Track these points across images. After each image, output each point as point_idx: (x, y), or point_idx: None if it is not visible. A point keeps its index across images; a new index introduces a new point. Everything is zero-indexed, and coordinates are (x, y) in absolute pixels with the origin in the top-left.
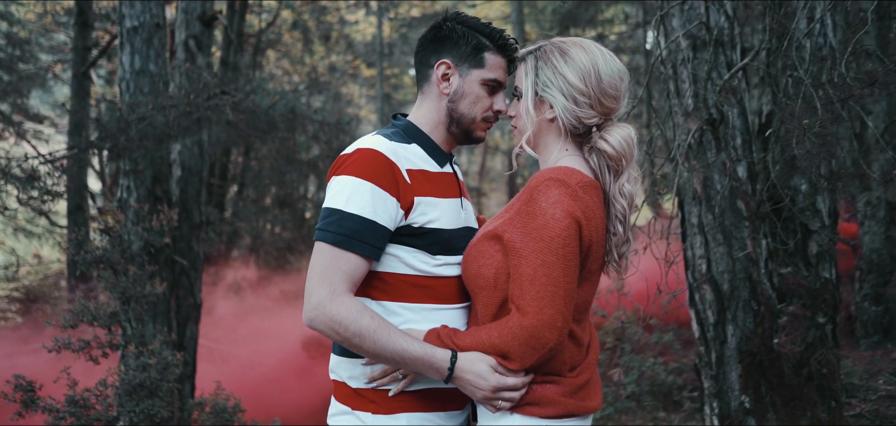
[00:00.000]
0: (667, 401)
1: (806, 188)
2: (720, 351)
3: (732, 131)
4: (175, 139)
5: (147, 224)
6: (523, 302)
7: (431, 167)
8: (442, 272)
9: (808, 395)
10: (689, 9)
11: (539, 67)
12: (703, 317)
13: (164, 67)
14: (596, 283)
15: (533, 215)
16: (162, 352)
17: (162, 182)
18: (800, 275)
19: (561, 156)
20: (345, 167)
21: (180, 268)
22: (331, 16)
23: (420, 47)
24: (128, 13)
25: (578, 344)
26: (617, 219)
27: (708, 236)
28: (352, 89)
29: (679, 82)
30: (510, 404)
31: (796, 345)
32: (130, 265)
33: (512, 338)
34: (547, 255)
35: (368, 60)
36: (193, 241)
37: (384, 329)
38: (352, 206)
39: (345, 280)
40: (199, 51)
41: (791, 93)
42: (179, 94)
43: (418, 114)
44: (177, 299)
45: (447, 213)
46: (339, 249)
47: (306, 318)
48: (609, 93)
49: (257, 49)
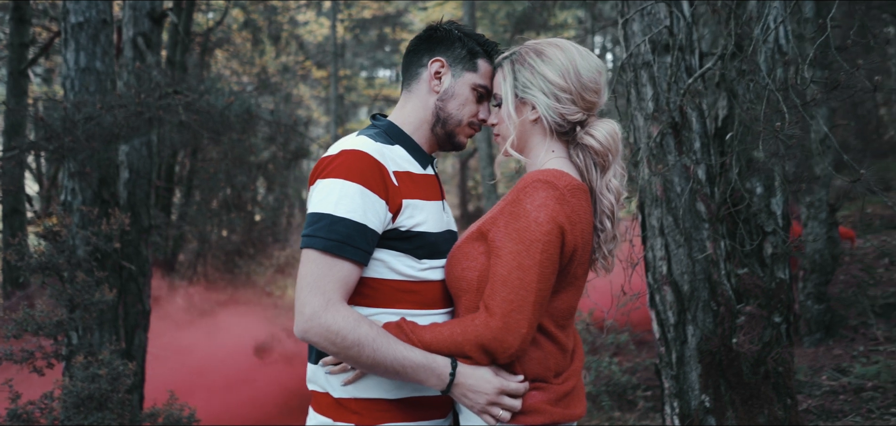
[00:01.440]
0: (622, 401)
1: (761, 190)
2: (680, 351)
3: (692, 135)
4: (124, 140)
5: (95, 228)
6: (493, 303)
7: (415, 169)
8: (427, 276)
9: (766, 394)
10: (649, 14)
11: (516, 70)
12: (664, 318)
13: (111, 65)
14: (581, 289)
15: (516, 216)
16: (112, 361)
17: (109, 184)
18: (756, 276)
19: (548, 157)
20: (331, 169)
21: (128, 273)
22: (281, 16)
23: (413, 46)
24: (72, 8)
25: (563, 350)
26: (604, 215)
27: (668, 238)
28: (302, 91)
29: (640, 86)
30: (511, 413)
31: (754, 345)
32: (78, 271)
33: (474, 337)
34: (524, 258)
35: (318, 61)
36: (142, 246)
37: (383, 337)
38: (341, 210)
39: (339, 288)
40: (148, 49)
41: (751, 97)
42: (128, 93)
43: (401, 114)
44: (125, 306)
45: (432, 216)
46: (330, 256)
47: (299, 331)
48: (589, 87)
49: (205, 48)
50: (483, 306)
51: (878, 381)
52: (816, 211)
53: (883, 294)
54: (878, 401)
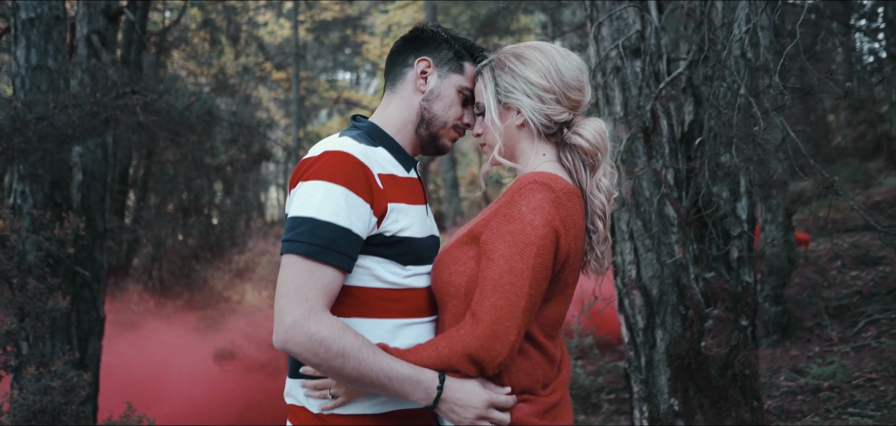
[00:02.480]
0: (586, 404)
1: (727, 195)
2: (649, 355)
3: (661, 139)
4: (78, 141)
5: (47, 233)
6: (480, 308)
7: (399, 172)
8: (412, 283)
9: (733, 396)
10: (618, 18)
11: (497, 76)
12: (633, 323)
13: (64, 63)
14: (570, 298)
15: (510, 218)
16: (66, 372)
17: (62, 187)
18: (722, 279)
19: (539, 160)
20: (313, 171)
21: (82, 279)
22: (240, 16)
23: (398, 47)
24: (23, 4)
25: (551, 360)
26: (596, 216)
27: (637, 242)
28: (261, 92)
29: (609, 91)
30: None
31: (721, 348)
32: (29, 278)
33: (461, 348)
34: (516, 262)
35: (278, 63)
36: (96, 251)
37: (368, 348)
38: (325, 213)
39: (321, 295)
40: (103, 47)
41: (722, 102)
42: (83, 92)
43: (384, 114)
44: (78, 314)
45: (417, 221)
46: (312, 261)
47: (279, 340)
48: (573, 85)
49: (161, 48)
50: (469, 313)
51: (834, 382)
52: (774, 215)
53: (836, 295)
54: (835, 402)
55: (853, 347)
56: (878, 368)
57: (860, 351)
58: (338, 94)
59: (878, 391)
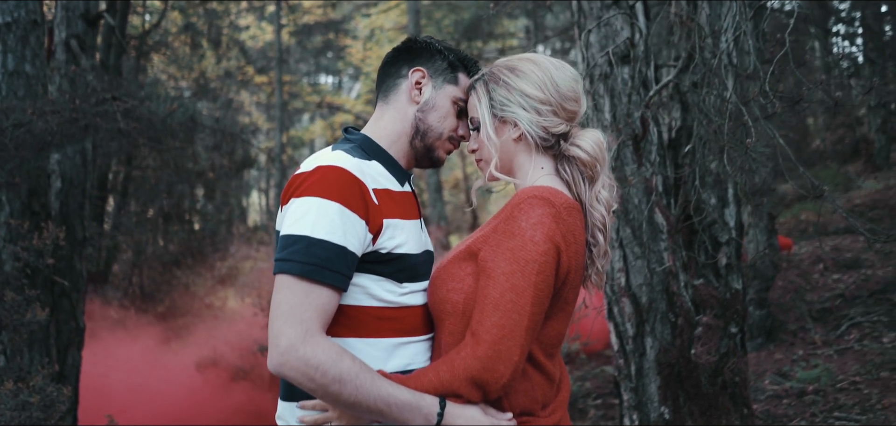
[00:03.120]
0: (573, 410)
1: (715, 201)
2: (639, 363)
3: (650, 146)
4: (56, 148)
5: (25, 243)
6: (481, 328)
7: (394, 186)
8: (407, 301)
9: (723, 404)
10: (606, 25)
11: (491, 90)
12: (622, 330)
13: (42, 69)
14: (570, 315)
15: (511, 234)
16: (45, 387)
17: (40, 195)
18: (711, 286)
19: (537, 174)
20: (307, 187)
21: (61, 289)
22: (222, 20)
23: (390, 58)
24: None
25: (551, 380)
26: (596, 229)
27: (626, 250)
28: (243, 96)
29: (598, 97)
30: None
31: (711, 356)
32: (6, 289)
33: (463, 371)
34: (518, 280)
35: (260, 67)
36: (75, 260)
37: (367, 373)
38: (319, 231)
39: (317, 317)
40: (82, 52)
41: (712, 110)
42: (62, 98)
43: (376, 127)
44: (57, 324)
45: (412, 237)
46: (307, 282)
47: (274, 365)
48: (568, 96)
49: (141, 52)
50: (469, 334)
51: (818, 385)
52: (757, 219)
53: (819, 299)
54: (821, 405)
55: (836, 350)
56: (861, 371)
57: (843, 354)
58: (320, 98)
59: (863, 394)
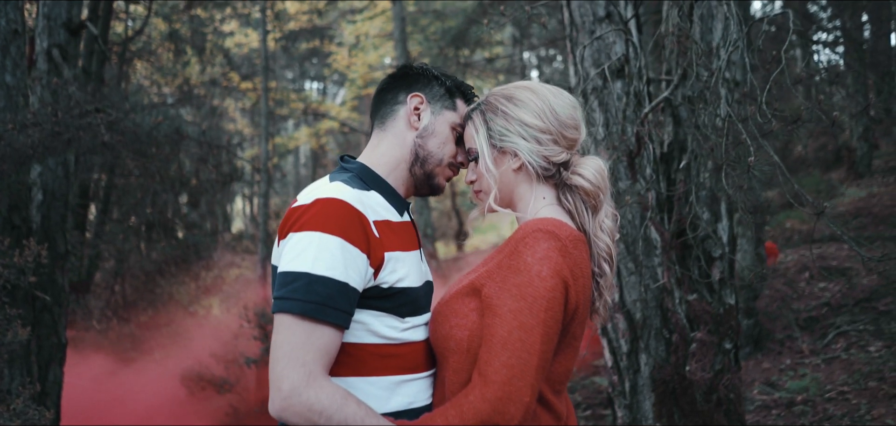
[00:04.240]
0: None
1: (708, 216)
2: (634, 380)
3: (643, 162)
4: (38, 161)
5: (6, 259)
6: (490, 369)
7: (393, 217)
8: (409, 337)
9: (718, 421)
10: (599, 39)
11: (489, 119)
12: (616, 347)
13: (23, 79)
14: (578, 350)
15: (516, 270)
16: (26, 410)
17: (21, 209)
18: (705, 302)
19: (539, 205)
20: (306, 221)
21: (42, 304)
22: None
23: (386, 84)
24: None
25: (558, 418)
26: (602, 260)
27: (620, 266)
28: (227, 103)
29: (590, 112)
30: None
31: (706, 372)
32: None
33: (473, 415)
34: (526, 317)
35: (244, 73)
36: (57, 274)
37: (372, 418)
38: (320, 267)
39: (320, 358)
40: (64, 61)
41: (708, 127)
42: (43, 110)
43: (374, 155)
44: (38, 340)
45: (413, 269)
46: (309, 321)
47: (276, 410)
48: (568, 124)
49: (123, 59)
50: (477, 375)
51: (807, 395)
52: (744, 229)
53: (806, 307)
54: (810, 416)
55: (824, 359)
56: (849, 381)
57: (831, 363)
58: (305, 104)
59: (851, 404)
